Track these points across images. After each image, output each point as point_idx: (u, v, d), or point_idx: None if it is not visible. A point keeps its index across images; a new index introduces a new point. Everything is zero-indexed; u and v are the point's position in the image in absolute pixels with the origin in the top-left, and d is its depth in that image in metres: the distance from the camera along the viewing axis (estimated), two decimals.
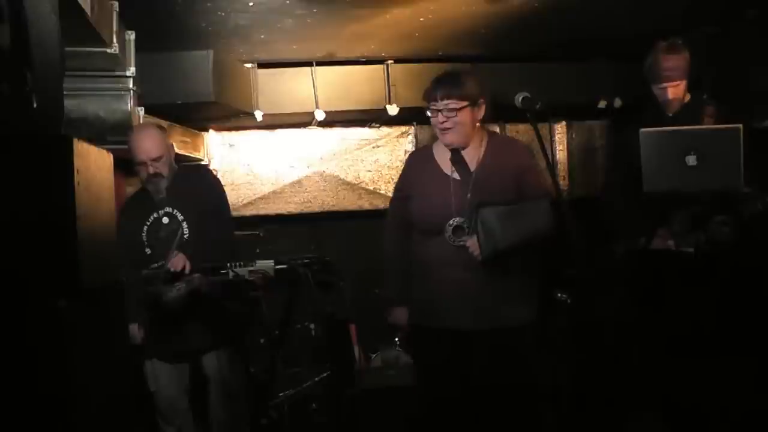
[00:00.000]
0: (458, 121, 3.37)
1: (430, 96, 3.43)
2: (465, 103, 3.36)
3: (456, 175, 3.46)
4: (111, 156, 2.23)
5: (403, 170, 3.75)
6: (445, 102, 3.36)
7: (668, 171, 3.58)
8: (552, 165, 3.16)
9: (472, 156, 3.47)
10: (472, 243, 3.30)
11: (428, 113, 3.47)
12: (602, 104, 5.88)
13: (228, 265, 3.48)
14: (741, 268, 3.83)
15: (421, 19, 4.49)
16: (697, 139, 3.54)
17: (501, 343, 3.38)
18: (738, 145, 3.44)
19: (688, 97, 4.01)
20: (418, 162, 3.64)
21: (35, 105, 1.85)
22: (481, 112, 3.43)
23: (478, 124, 3.46)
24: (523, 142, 3.78)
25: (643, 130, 3.62)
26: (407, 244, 3.61)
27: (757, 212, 3.62)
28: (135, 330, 3.86)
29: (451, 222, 3.39)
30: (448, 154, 3.49)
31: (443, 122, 3.39)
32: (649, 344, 3.93)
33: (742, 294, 3.84)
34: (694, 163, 3.50)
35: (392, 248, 3.67)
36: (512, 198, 3.33)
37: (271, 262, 3.54)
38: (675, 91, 3.94)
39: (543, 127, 3.22)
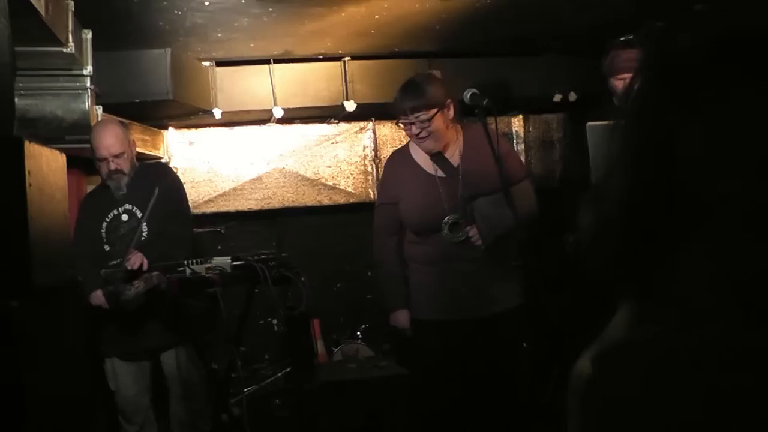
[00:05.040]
0: (432, 129, 3.40)
1: (399, 110, 3.44)
2: (434, 111, 3.38)
3: (441, 173, 3.52)
4: (64, 156, 2.26)
5: (385, 177, 3.80)
6: (416, 115, 3.38)
7: None
8: (498, 158, 3.23)
9: (452, 152, 3.54)
10: (474, 233, 3.41)
11: (401, 125, 3.50)
12: (557, 98, 5.96)
13: (185, 262, 3.50)
14: None
15: (376, 17, 4.55)
16: None
17: (504, 325, 3.53)
18: None
19: None
20: (399, 166, 3.67)
21: None
22: (451, 113, 3.47)
23: (450, 123, 3.50)
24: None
25: (589, 123, 3.69)
26: (399, 248, 3.67)
27: None
28: (99, 295, 3.74)
29: (446, 220, 3.45)
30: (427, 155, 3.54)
31: (419, 133, 3.42)
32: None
33: None
34: None
35: (386, 256, 3.69)
36: (497, 184, 3.36)
37: (227, 259, 3.56)
38: None
39: (491, 122, 3.31)
